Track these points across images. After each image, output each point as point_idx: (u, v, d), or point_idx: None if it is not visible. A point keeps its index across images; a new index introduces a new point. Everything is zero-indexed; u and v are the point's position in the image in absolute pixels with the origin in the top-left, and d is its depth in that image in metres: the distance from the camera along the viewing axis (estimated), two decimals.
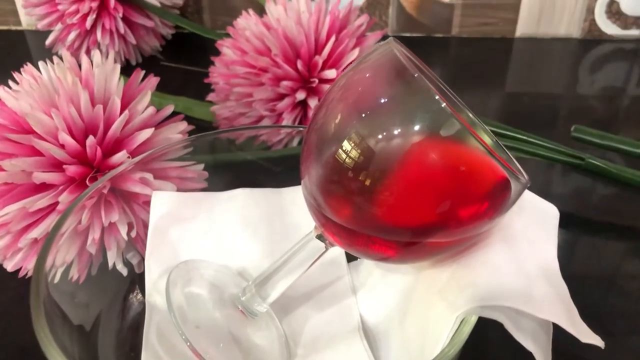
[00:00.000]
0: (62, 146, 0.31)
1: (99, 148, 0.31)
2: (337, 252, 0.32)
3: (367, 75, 0.23)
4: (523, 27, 0.67)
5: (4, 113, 0.32)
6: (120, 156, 0.32)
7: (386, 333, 0.28)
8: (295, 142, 0.40)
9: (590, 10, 0.65)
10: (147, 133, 0.33)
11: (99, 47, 0.56)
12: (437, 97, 0.20)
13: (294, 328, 0.30)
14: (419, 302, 0.26)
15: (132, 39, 0.57)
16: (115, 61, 0.35)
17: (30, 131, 0.31)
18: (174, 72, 0.60)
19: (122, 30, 0.55)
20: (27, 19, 0.69)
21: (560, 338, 0.23)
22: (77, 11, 0.53)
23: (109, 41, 0.55)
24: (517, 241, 0.25)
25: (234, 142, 0.38)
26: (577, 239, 0.41)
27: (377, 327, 0.29)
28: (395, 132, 0.21)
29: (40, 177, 0.30)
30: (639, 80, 0.65)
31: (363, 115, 0.22)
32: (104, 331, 0.28)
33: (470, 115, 0.26)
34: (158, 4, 0.57)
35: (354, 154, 0.22)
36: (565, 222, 0.41)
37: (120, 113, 0.32)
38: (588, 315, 0.24)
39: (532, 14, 0.66)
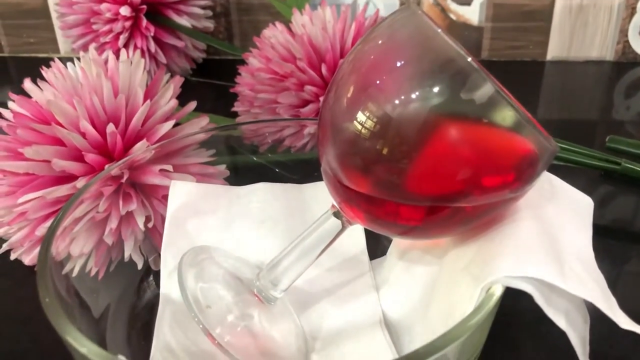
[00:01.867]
0: (83, 135, 0.31)
1: (119, 138, 0.31)
2: (359, 248, 0.31)
3: (382, 40, 0.22)
4: (554, 50, 0.66)
5: (29, 105, 0.32)
6: (141, 145, 0.31)
7: (409, 327, 0.26)
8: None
9: (623, 32, 0.64)
10: (168, 125, 0.32)
11: None
12: (462, 52, 0.20)
13: (313, 322, 0.28)
14: (443, 287, 0.24)
15: (162, 59, 0.58)
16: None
17: (53, 121, 0.32)
18: (203, 94, 0.61)
19: (153, 50, 0.56)
20: (65, 46, 0.72)
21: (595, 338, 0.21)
22: (110, 30, 0.54)
23: None
24: (550, 224, 0.23)
25: (257, 148, 0.38)
26: (606, 247, 0.39)
27: (400, 322, 0.27)
28: (413, 95, 0.21)
29: (60, 164, 0.30)
30: None
31: (378, 81, 0.21)
32: (114, 321, 0.27)
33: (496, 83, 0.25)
34: (189, 26, 0.58)
35: (376, 119, 0.21)
36: (596, 230, 0.40)
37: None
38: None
39: (563, 37, 0.65)
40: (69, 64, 0.35)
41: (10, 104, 0.34)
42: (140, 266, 0.31)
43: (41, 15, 0.71)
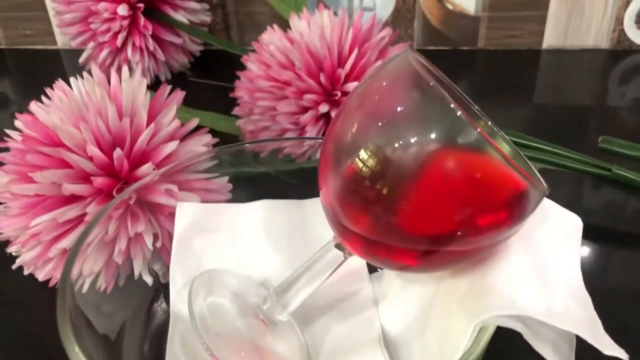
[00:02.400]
0: (91, 158, 0.32)
1: (125, 160, 0.32)
2: (359, 263, 0.32)
3: (384, 83, 0.23)
4: (550, 39, 0.67)
5: (35, 127, 0.33)
6: (146, 168, 0.32)
7: (407, 344, 0.28)
8: (319, 154, 0.40)
9: (619, 20, 0.64)
10: (172, 146, 0.33)
11: (129, 65, 0.57)
12: (452, 106, 0.20)
13: (315, 338, 0.30)
14: (439, 312, 0.25)
15: (161, 56, 0.58)
16: (143, 76, 0.36)
17: (60, 144, 0.33)
18: (201, 89, 0.61)
19: (151, 48, 0.56)
20: (62, 38, 0.72)
21: (585, 351, 0.23)
22: (108, 29, 0.55)
23: (139, 58, 0.56)
24: (539, 251, 0.25)
25: (258, 156, 0.39)
26: (607, 251, 0.40)
27: (398, 338, 0.29)
28: (413, 140, 0.22)
29: (69, 188, 0.31)
30: None
31: (380, 124, 0.22)
32: (129, 340, 0.28)
33: (489, 123, 0.26)
34: (187, 22, 0.58)
35: (372, 163, 0.22)
36: (594, 235, 0.41)
37: (147, 126, 0.33)
38: (617, 329, 0.24)
39: (559, 25, 0.65)
40: (72, 81, 0.35)
41: (16, 123, 0.35)
42: (150, 283, 0.32)
43: (38, 7, 0.71)
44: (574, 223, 0.27)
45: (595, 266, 0.38)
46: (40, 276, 0.34)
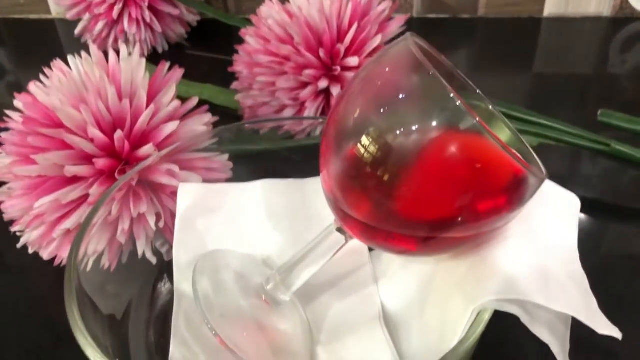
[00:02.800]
0: (92, 140, 0.32)
1: (126, 141, 0.32)
2: (359, 241, 0.33)
3: (387, 69, 0.23)
4: (551, 7, 0.66)
5: (36, 108, 0.33)
6: (147, 149, 0.32)
7: (406, 322, 0.29)
8: (318, 131, 0.40)
9: None
10: (172, 126, 0.33)
11: (126, 36, 0.56)
12: (452, 95, 0.21)
13: (317, 315, 0.30)
14: (439, 293, 0.26)
15: (158, 27, 0.57)
16: (141, 52, 0.36)
17: (60, 125, 0.33)
18: (199, 60, 0.61)
19: (148, 19, 0.56)
20: (57, 7, 0.71)
21: (582, 327, 0.23)
22: (104, 1, 0.54)
23: (135, 30, 0.56)
24: (537, 233, 0.25)
25: (258, 132, 0.39)
26: (603, 225, 0.41)
27: (398, 316, 0.29)
28: (413, 127, 0.22)
29: (72, 170, 0.31)
30: None
31: (381, 110, 0.23)
32: (135, 320, 0.29)
33: (490, 106, 0.27)
34: None
35: (372, 149, 0.22)
36: (591, 208, 0.42)
37: (147, 106, 0.33)
38: (612, 303, 0.24)
39: None
40: (70, 60, 0.35)
41: (16, 103, 0.34)
42: (154, 262, 0.32)
43: None
44: (572, 202, 0.28)
45: (590, 240, 0.39)
46: (45, 255, 0.34)
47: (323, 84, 0.41)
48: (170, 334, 0.28)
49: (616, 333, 0.23)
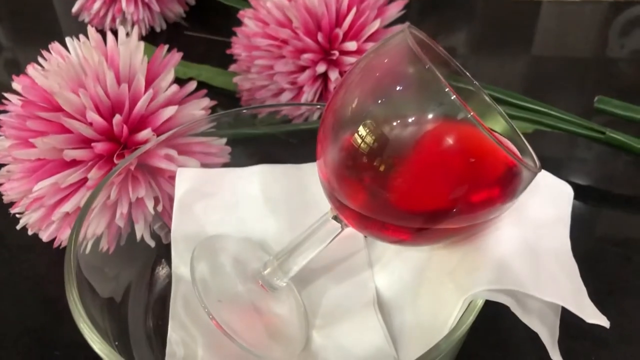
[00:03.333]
0: (90, 124, 0.32)
1: (125, 125, 0.33)
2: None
3: (385, 61, 0.23)
4: None
5: (34, 91, 0.33)
6: (146, 133, 0.33)
7: (400, 308, 0.29)
8: (315, 116, 0.40)
9: None
10: (171, 110, 0.34)
11: (123, 16, 0.56)
12: (447, 90, 0.21)
13: (312, 299, 0.31)
14: (432, 281, 0.27)
15: (156, 7, 0.57)
16: (139, 31, 0.35)
17: (59, 109, 0.33)
18: (197, 40, 0.61)
19: None
20: None
21: (572, 314, 0.24)
22: None
23: (133, 9, 0.55)
24: (529, 222, 0.26)
25: (256, 116, 0.39)
26: (595, 211, 0.41)
27: (391, 302, 0.30)
28: (409, 119, 0.22)
29: (71, 154, 0.32)
30: None
31: (379, 101, 0.23)
32: (133, 303, 0.30)
33: (486, 98, 0.27)
34: None
35: (369, 139, 0.22)
36: (584, 194, 0.42)
37: (145, 90, 0.33)
38: (603, 290, 0.25)
39: None
40: (69, 42, 0.35)
41: (14, 85, 0.35)
42: (153, 245, 0.33)
43: None
44: (564, 191, 0.28)
45: (582, 226, 0.40)
46: (44, 237, 0.35)
47: (321, 68, 0.41)
48: (168, 318, 0.29)
49: (604, 322, 0.24)
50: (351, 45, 0.41)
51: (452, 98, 0.20)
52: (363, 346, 0.28)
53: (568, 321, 0.24)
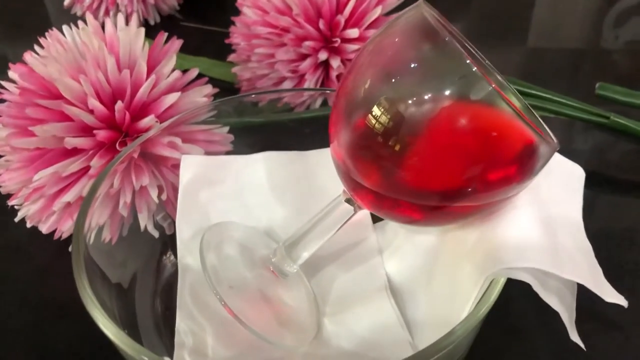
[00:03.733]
0: (91, 111, 0.31)
1: (127, 113, 0.32)
2: (363, 213, 0.33)
3: (397, 39, 0.23)
4: None
5: (32, 79, 0.33)
6: (148, 120, 0.32)
7: (413, 292, 0.29)
8: (318, 104, 0.40)
9: None
10: (173, 97, 0.33)
11: (117, 8, 0.55)
12: (468, 62, 0.20)
13: (322, 287, 0.30)
14: (446, 263, 0.26)
15: None
16: (146, 25, 0.35)
17: (58, 96, 0.32)
18: (192, 32, 0.60)
19: None
20: None
21: (582, 296, 0.24)
22: None
23: (127, 1, 0.55)
24: (544, 202, 0.25)
25: (257, 105, 0.38)
26: (598, 196, 0.41)
27: (403, 287, 0.30)
28: (425, 96, 0.22)
29: (72, 142, 0.31)
30: None
31: (393, 80, 0.22)
32: (140, 291, 0.29)
33: (499, 78, 0.26)
34: None
35: (384, 119, 0.22)
36: (586, 180, 0.42)
37: (147, 77, 0.33)
38: (608, 274, 0.25)
39: None
40: (66, 30, 0.34)
41: (11, 74, 0.34)
42: (157, 236, 0.32)
43: None
44: (576, 173, 0.28)
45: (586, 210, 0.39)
46: (44, 229, 0.34)
47: (323, 55, 0.41)
48: (176, 306, 0.28)
49: (622, 301, 0.24)
50: (353, 33, 0.40)
51: (474, 70, 0.20)
52: (377, 331, 0.27)
53: (579, 304, 0.24)
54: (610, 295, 0.24)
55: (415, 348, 0.26)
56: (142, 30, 0.34)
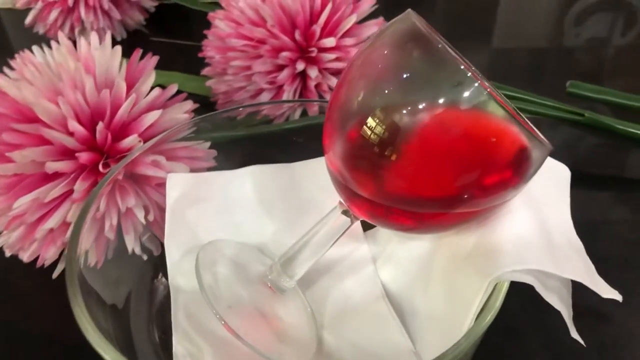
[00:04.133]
0: (71, 134, 0.31)
1: (108, 133, 0.31)
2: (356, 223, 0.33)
3: (389, 47, 0.23)
4: None
5: (5, 102, 0.31)
6: (131, 140, 0.31)
7: (410, 299, 0.29)
8: (297, 114, 0.40)
9: None
10: (154, 115, 0.32)
11: (82, 25, 0.54)
12: (462, 67, 0.21)
13: (317, 300, 0.30)
14: (444, 269, 0.26)
15: (116, 14, 0.55)
16: (112, 42, 0.34)
17: (34, 119, 0.31)
18: (161, 47, 0.59)
19: (106, 7, 0.53)
20: None
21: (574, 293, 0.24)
22: None
23: (93, 18, 0.53)
24: (536, 203, 0.26)
25: (236, 118, 0.38)
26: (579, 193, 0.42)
27: (400, 295, 0.29)
28: (420, 104, 0.22)
29: (53, 166, 0.30)
30: (622, 30, 0.66)
31: (386, 90, 0.22)
32: (135, 314, 0.28)
33: (488, 83, 0.27)
34: None
35: (379, 129, 0.22)
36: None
37: (126, 96, 0.32)
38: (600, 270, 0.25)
39: None
40: (37, 51, 0.33)
41: None
42: (145, 258, 0.31)
43: None
44: (562, 173, 0.28)
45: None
46: (25, 257, 0.33)
47: (300, 66, 0.40)
48: (171, 328, 0.28)
49: (617, 296, 0.24)
50: (329, 42, 0.40)
51: (469, 75, 0.20)
52: (378, 342, 0.27)
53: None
54: (606, 291, 0.24)
55: (418, 356, 0.26)
56: (119, 48, 0.33)
